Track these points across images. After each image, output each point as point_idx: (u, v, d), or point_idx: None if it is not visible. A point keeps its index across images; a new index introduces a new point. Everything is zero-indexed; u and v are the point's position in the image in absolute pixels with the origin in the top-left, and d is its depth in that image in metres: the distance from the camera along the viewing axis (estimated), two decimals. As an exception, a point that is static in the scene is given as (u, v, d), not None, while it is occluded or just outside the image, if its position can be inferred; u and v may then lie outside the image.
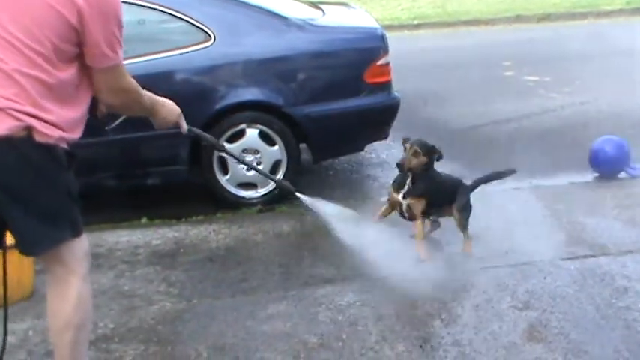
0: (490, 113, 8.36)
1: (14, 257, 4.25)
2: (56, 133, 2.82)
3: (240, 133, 5.75)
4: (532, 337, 3.70)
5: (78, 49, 2.85)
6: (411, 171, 4.54)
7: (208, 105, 5.66)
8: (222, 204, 5.87)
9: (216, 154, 5.72)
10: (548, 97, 9.01)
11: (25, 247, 3.01)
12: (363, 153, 6.90)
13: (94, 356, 3.74)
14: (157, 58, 5.65)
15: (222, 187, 5.83)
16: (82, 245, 3.10)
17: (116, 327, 4.05)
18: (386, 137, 6.36)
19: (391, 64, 6.10)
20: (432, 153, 4.56)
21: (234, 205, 5.84)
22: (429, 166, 4.58)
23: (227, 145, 5.70)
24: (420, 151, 4.51)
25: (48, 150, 2.82)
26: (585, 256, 4.57)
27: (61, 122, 2.85)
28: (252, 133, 5.76)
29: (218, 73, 5.81)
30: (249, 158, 5.73)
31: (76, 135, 2.96)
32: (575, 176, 6.15)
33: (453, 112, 8.45)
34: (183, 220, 5.57)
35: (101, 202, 5.92)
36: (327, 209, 4.54)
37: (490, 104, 8.75)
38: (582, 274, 4.34)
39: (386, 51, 6.04)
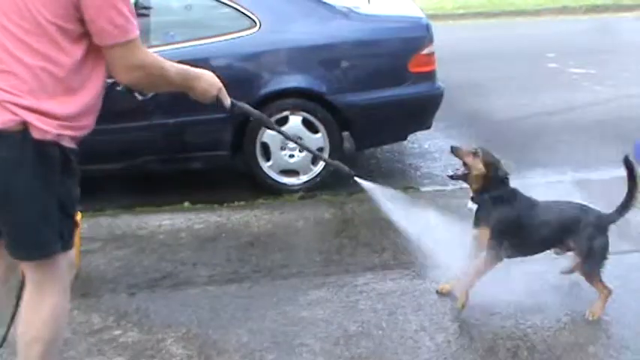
0: (534, 105, 8.31)
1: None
2: (56, 130, 2.60)
3: (284, 120, 5.77)
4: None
5: (83, 27, 2.60)
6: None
7: (252, 91, 5.67)
8: (263, 190, 5.89)
9: (259, 139, 5.76)
10: (592, 90, 8.94)
11: (14, 252, 2.80)
12: (405, 142, 6.89)
13: (137, 337, 3.79)
14: (204, 44, 5.70)
15: (265, 173, 5.86)
16: (67, 257, 2.90)
17: (157, 310, 4.09)
18: (429, 127, 6.34)
19: (436, 54, 6.07)
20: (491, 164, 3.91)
21: (276, 191, 5.87)
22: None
23: (270, 132, 5.74)
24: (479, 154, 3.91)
25: (45, 150, 2.60)
26: (629, 252, 4.52)
27: (66, 113, 2.63)
28: (295, 120, 5.78)
29: (263, 60, 5.83)
30: (292, 145, 5.76)
31: (86, 123, 2.74)
32: (619, 170, 6.04)
33: (497, 104, 8.41)
34: (225, 204, 5.60)
35: (145, 185, 6.01)
36: (385, 195, 4.23)
37: (534, 96, 8.69)
38: (627, 270, 4.28)
39: (431, 40, 6.01)
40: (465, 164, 3.90)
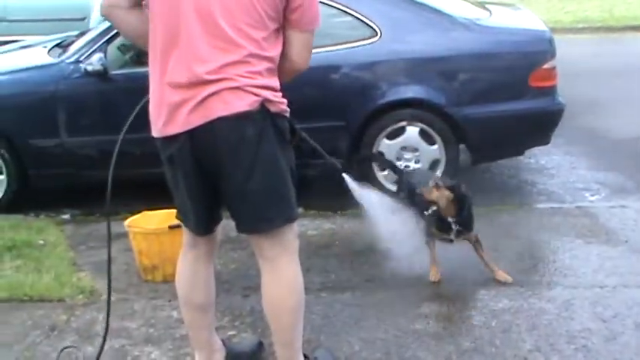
0: (656, 125, 8.05)
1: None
2: (283, 101, 2.98)
3: (401, 130, 5.78)
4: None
5: (279, 14, 2.94)
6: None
7: (371, 100, 5.72)
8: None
9: (375, 148, 5.79)
10: None
11: (259, 223, 3.07)
12: (521, 157, 6.78)
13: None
14: (324, 52, 5.73)
15: (380, 182, 5.83)
16: (294, 229, 3.18)
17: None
18: (547, 143, 6.23)
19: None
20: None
21: (389, 200, 5.86)
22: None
23: (387, 142, 5.76)
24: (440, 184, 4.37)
25: (279, 122, 2.96)
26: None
27: (279, 89, 2.99)
28: (412, 131, 5.77)
29: (382, 69, 5.84)
30: (407, 156, 5.74)
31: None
32: None
33: (616, 121, 8.18)
34: (339, 212, 5.63)
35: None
36: (370, 197, 4.32)
37: (656, 116, 8.43)
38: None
39: (553, 55, 5.92)
40: (431, 202, 4.31)
